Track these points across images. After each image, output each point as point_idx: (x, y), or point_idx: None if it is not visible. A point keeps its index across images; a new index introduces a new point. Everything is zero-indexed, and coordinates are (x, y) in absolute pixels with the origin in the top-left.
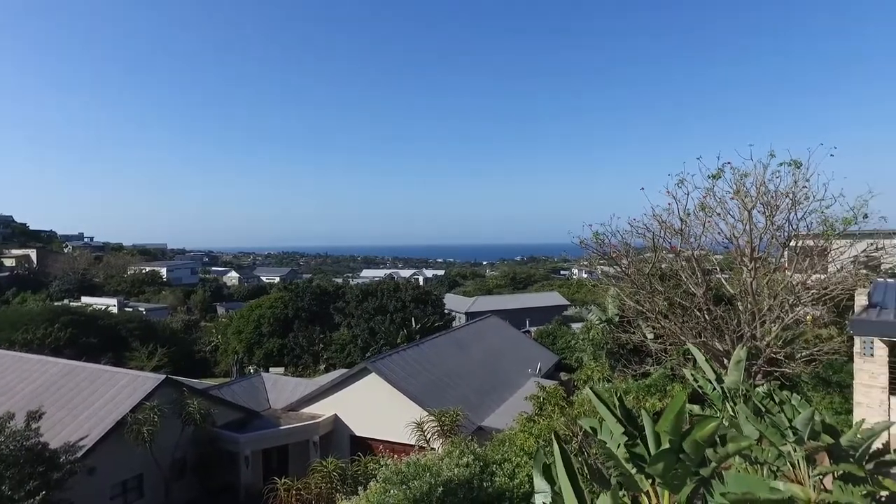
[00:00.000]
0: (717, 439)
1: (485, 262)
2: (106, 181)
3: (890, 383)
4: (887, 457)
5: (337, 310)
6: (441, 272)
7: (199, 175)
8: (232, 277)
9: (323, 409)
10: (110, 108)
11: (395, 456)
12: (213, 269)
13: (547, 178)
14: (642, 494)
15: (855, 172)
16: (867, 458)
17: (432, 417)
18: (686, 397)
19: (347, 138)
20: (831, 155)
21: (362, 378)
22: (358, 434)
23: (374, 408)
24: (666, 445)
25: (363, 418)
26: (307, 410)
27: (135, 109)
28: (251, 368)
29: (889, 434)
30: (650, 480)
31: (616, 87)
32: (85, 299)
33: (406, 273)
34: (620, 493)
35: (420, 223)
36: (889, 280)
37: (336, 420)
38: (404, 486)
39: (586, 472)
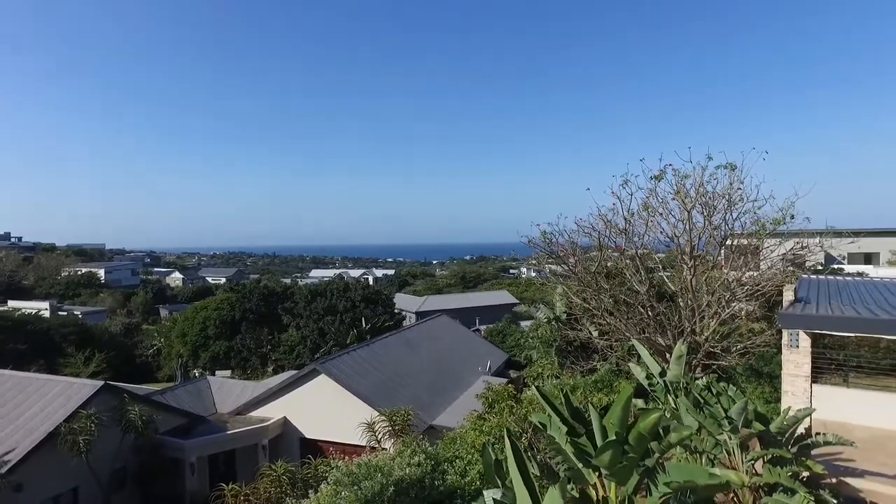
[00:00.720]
0: (661, 431)
1: (435, 262)
2: (37, 178)
3: (812, 372)
4: (809, 440)
5: (285, 310)
6: (391, 272)
7: (141, 173)
8: (175, 278)
9: (272, 412)
10: (39, 98)
11: (347, 457)
12: (156, 269)
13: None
14: (590, 486)
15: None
16: (792, 442)
17: (383, 417)
18: (631, 392)
19: (294, 140)
20: (763, 159)
21: (312, 379)
22: (308, 436)
23: (325, 409)
24: (612, 438)
25: (313, 420)
26: (255, 414)
27: (68, 100)
28: (196, 372)
29: (811, 419)
30: (597, 473)
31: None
32: (12, 303)
33: (356, 273)
34: (569, 487)
35: (368, 223)
36: (812, 276)
37: (285, 423)
38: (356, 488)
39: (536, 467)
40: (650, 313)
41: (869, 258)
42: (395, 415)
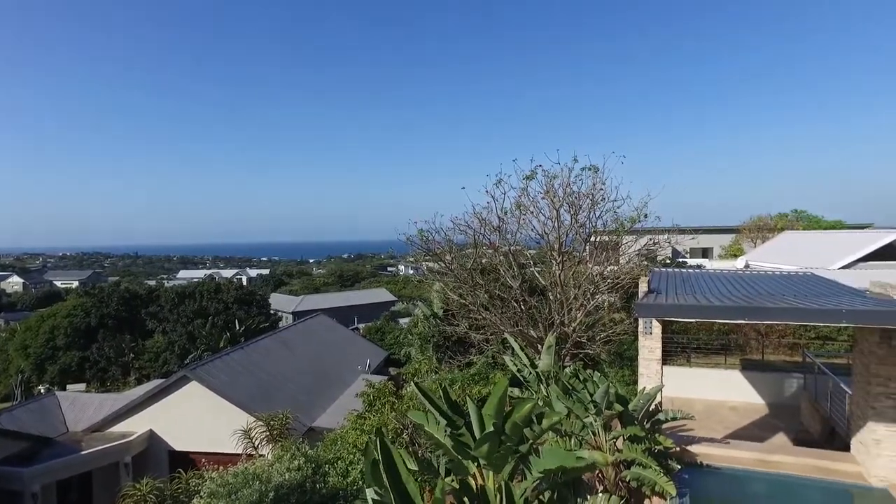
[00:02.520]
0: (534, 418)
1: (311, 261)
2: None
3: (662, 355)
4: (659, 416)
5: (150, 315)
6: (266, 271)
7: None
8: (14, 283)
9: (135, 426)
10: None
11: (221, 467)
12: None
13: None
14: (469, 477)
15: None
16: (647, 419)
17: (260, 422)
18: (507, 383)
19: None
20: (622, 162)
21: (181, 387)
22: (178, 449)
23: (196, 418)
24: (490, 429)
25: (184, 431)
26: (116, 429)
27: None
28: (41, 388)
29: (661, 397)
30: (475, 463)
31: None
32: None
33: (228, 273)
34: (449, 479)
35: (245, 220)
36: (663, 269)
37: (151, 436)
38: (232, 497)
39: (416, 463)
40: (523, 307)
41: (706, 252)
42: (273, 419)
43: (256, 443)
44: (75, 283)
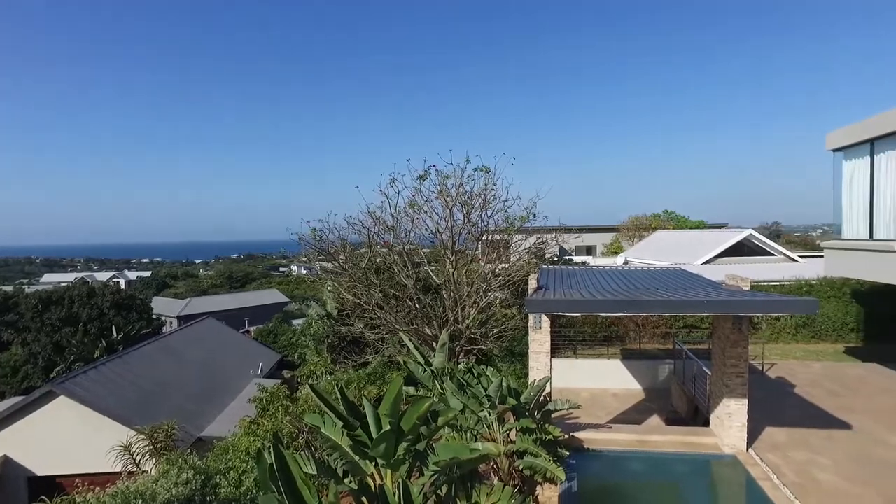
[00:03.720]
0: (429, 416)
1: (198, 261)
2: None
3: (551, 348)
4: (549, 406)
5: (6, 324)
6: (147, 273)
7: None
8: None
9: None
10: None
11: (98, 489)
12: None
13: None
14: (367, 477)
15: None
16: (538, 410)
17: (142, 436)
18: (402, 382)
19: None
20: (511, 163)
21: (46, 404)
22: (41, 474)
23: (66, 437)
24: (386, 428)
25: (50, 453)
26: None
27: None
28: None
29: (551, 388)
30: (373, 463)
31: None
32: None
33: (104, 276)
34: (347, 480)
35: (123, 218)
36: (551, 267)
37: (6, 463)
38: None
39: (313, 466)
40: (417, 306)
41: (590, 250)
42: (157, 431)
43: (138, 458)
44: None
